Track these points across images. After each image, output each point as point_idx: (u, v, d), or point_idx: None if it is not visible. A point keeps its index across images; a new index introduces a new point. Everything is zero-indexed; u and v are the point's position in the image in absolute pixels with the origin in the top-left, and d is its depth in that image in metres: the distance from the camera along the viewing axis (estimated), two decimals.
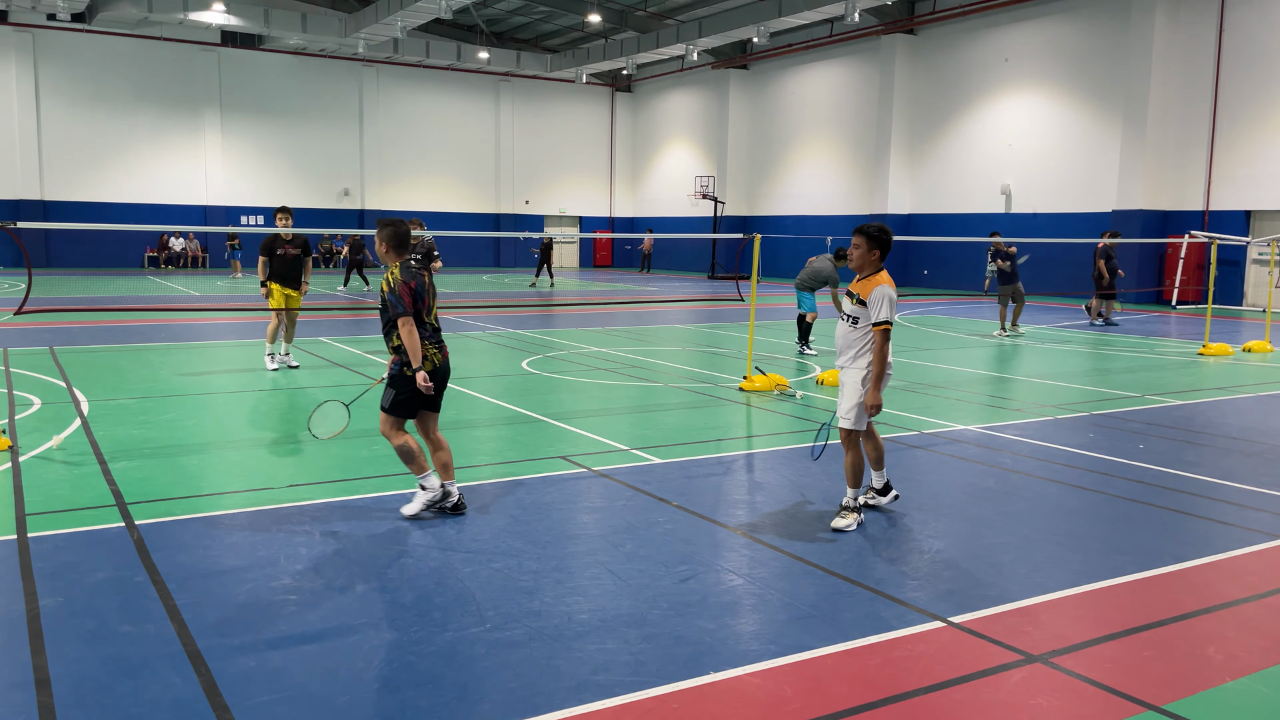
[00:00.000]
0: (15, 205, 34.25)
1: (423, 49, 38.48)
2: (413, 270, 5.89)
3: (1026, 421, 9.24)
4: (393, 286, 5.80)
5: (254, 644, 4.06)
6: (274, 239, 11.68)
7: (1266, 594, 4.84)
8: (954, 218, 31.12)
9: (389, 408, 5.87)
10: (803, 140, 37.34)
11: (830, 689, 3.75)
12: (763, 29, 30.95)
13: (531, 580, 4.83)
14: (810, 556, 5.26)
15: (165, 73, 36.78)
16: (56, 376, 10.85)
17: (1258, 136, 24.27)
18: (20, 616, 4.28)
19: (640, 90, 46.39)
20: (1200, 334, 16.78)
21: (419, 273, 5.92)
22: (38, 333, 14.95)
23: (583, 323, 18.84)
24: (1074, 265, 27.57)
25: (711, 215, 39.18)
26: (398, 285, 5.78)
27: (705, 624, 4.33)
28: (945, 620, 4.40)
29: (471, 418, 9.11)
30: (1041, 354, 14.76)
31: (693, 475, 7.03)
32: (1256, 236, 24.14)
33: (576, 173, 46.40)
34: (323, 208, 39.78)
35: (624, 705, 3.57)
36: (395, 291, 5.78)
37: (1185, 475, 7.18)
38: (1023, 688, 3.77)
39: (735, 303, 20.59)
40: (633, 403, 10.13)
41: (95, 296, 22.85)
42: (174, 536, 5.44)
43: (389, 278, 5.86)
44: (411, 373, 5.77)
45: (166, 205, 36.86)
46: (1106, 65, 26.88)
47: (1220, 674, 3.93)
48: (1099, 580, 4.97)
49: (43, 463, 6.99)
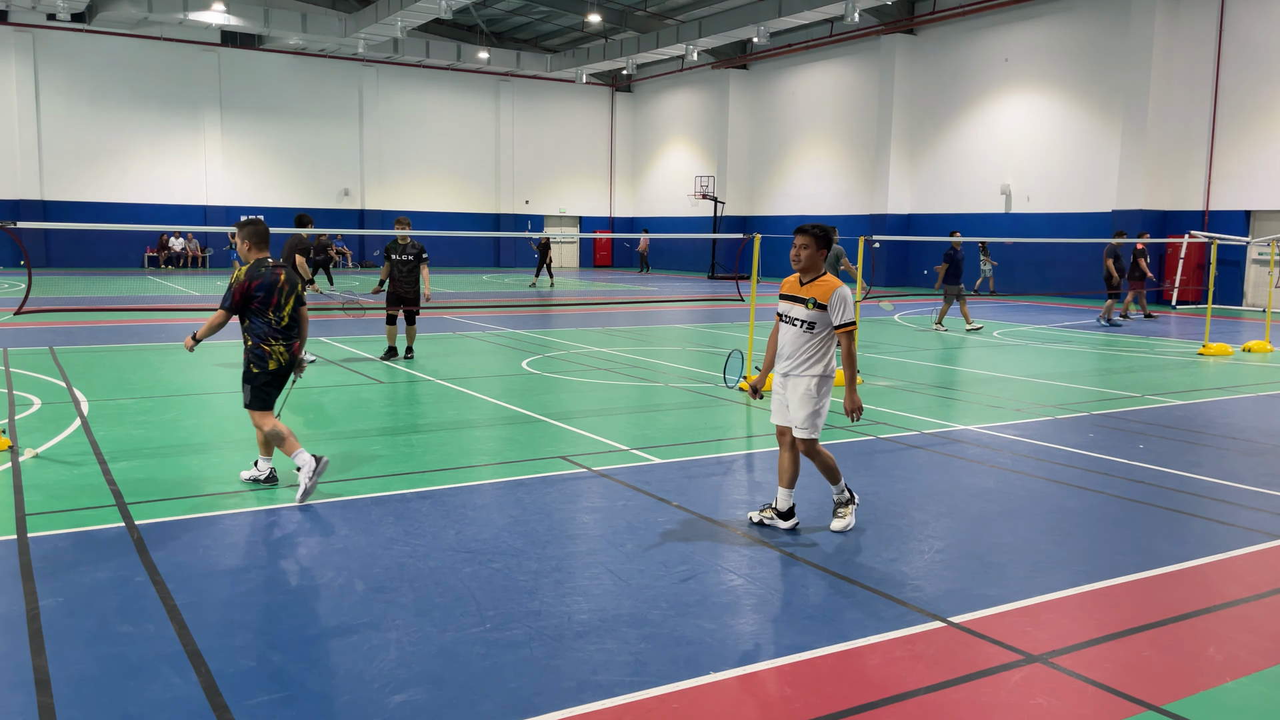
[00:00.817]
0: (15, 205, 34.24)
1: (423, 49, 38.48)
2: (262, 270, 6.23)
3: (1026, 421, 9.24)
4: (233, 281, 6.22)
5: (254, 644, 4.06)
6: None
7: (1266, 594, 4.84)
8: (954, 218, 31.11)
9: (251, 404, 6.29)
10: (803, 140, 37.34)
11: (830, 689, 3.75)
12: (763, 29, 30.95)
13: (531, 580, 4.83)
14: (810, 556, 5.26)
15: (165, 73, 36.77)
16: (56, 376, 10.85)
17: (1258, 136, 24.27)
18: (20, 616, 4.28)
19: (640, 90, 46.38)
20: (1200, 334, 16.77)
21: (270, 271, 6.26)
22: (38, 333, 14.95)
23: (583, 323, 18.84)
24: (1074, 265, 27.60)
25: (711, 215, 39.19)
26: (236, 282, 6.19)
27: (705, 624, 4.32)
28: (945, 620, 4.40)
29: (471, 418, 9.11)
30: (1041, 354, 14.76)
31: (693, 475, 7.03)
32: (1256, 236, 24.13)
33: (576, 173, 46.40)
34: (323, 208, 39.76)
35: (624, 705, 3.57)
36: (231, 286, 6.21)
37: (1185, 475, 7.17)
38: (1023, 688, 3.77)
39: (735, 303, 20.58)
40: (633, 403, 10.13)
41: (95, 296, 22.85)
42: (174, 536, 5.43)
43: (237, 271, 6.27)
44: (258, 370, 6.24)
45: (166, 205, 36.85)
46: (1106, 65, 26.88)
47: (1220, 674, 3.93)
48: (1099, 580, 4.97)
49: (42, 463, 6.98)
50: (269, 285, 6.21)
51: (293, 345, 6.38)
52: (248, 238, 6.32)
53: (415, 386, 10.81)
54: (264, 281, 6.20)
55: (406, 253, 12.40)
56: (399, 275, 12.45)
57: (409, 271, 12.44)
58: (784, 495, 5.71)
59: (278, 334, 6.28)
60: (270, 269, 6.26)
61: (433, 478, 6.83)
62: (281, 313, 6.28)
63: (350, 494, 6.38)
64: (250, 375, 6.27)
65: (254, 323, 6.26)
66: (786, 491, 5.71)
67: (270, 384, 6.29)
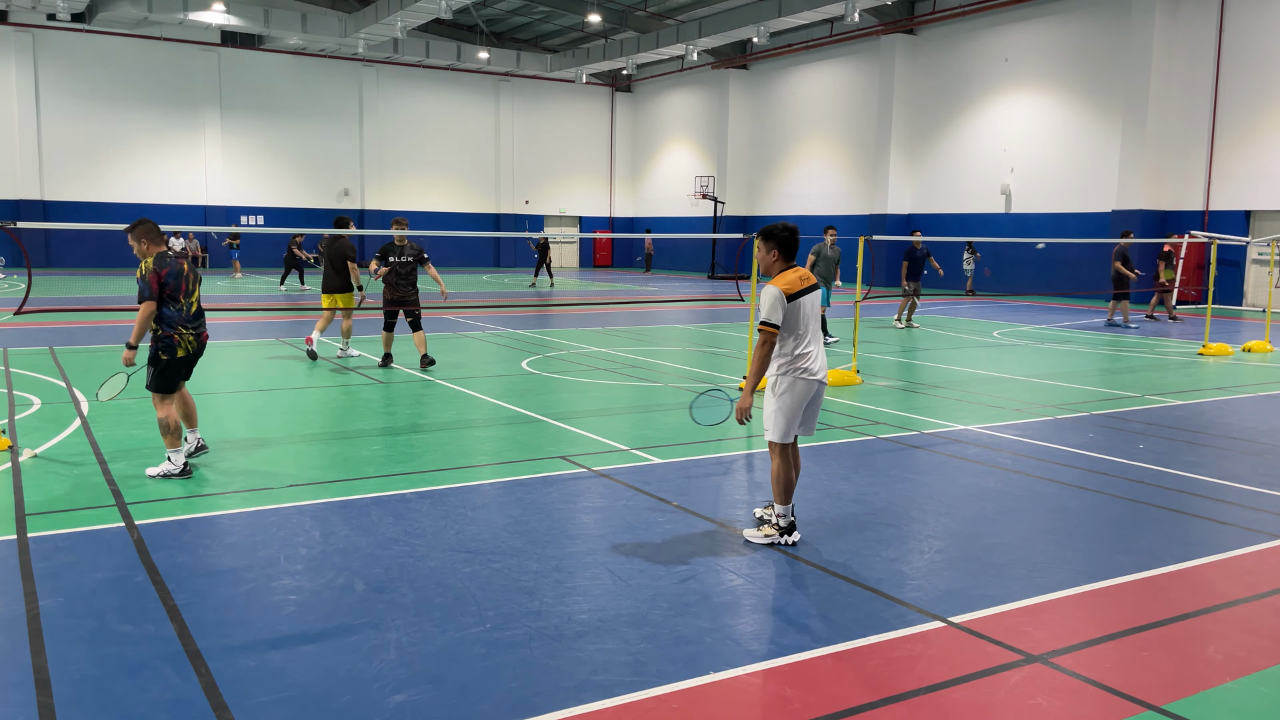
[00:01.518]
0: (15, 205, 34.25)
1: (423, 49, 38.48)
2: (167, 260, 6.54)
3: (1026, 421, 9.24)
4: (144, 274, 6.46)
5: (254, 644, 4.06)
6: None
7: (1266, 594, 4.84)
8: (954, 218, 31.13)
9: (153, 385, 6.62)
10: (803, 140, 37.34)
11: (830, 689, 3.75)
12: (763, 29, 30.95)
13: (531, 580, 4.83)
14: (810, 556, 5.26)
15: (165, 73, 36.78)
16: (56, 376, 10.85)
17: (1258, 136, 24.27)
18: (20, 616, 4.28)
19: (640, 90, 46.38)
20: (1200, 334, 16.77)
21: (175, 261, 6.59)
22: (38, 333, 14.95)
23: (583, 323, 18.83)
24: (1074, 265, 27.60)
25: (711, 215, 39.19)
26: (148, 273, 6.45)
27: (705, 624, 4.32)
28: (945, 620, 4.40)
29: (471, 418, 9.11)
30: (1042, 354, 14.76)
31: (693, 475, 7.03)
32: (1256, 236, 24.13)
33: (576, 173, 46.40)
34: (323, 208, 39.77)
35: (624, 705, 3.57)
36: (145, 278, 6.45)
37: (1185, 475, 7.17)
38: (1023, 688, 3.77)
39: (735, 303, 20.58)
40: (633, 403, 10.13)
41: (95, 296, 22.84)
42: (174, 536, 5.43)
43: (143, 266, 6.52)
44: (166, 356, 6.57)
45: (166, 205, 36.85)
46: (1106, 65, 26.88)
47: (1220, 674, 3.93)
48: (1099, 580, 4.97)
49: (42, 463, 6.99)
50: (176, 274, 6.58)
51: (201, 333, 6.77)
52: (144, 236, 6.59)
53: (415, 386, 10.80)
54: (172, 270, 6.55)
55: (405, 254, 11.81)
56: (398, 279, 11.85)
57: (408, 274, 11.90)
58: (782, 511, 5.50)
59: (187, 322, 6.66)
60: (174, 259, 6.62)
61: (433, 478, 6.83)
62: (191, 299, 6.69)
63: (350, 494, 6.38)
64: (157, 360, 6.61)
65: (164, 311, 6.59)
66: (784, 507, 5.48)
67: (175, 369, 6.66)
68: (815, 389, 5.40)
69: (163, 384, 6.63)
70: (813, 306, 5.43)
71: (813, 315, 5.43)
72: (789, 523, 5.45)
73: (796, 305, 5.30)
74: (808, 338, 5.37)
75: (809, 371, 5.35)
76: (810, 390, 5.38)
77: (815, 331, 5.44)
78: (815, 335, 5.43)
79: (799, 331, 5.33)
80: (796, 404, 5.37)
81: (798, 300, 5.31)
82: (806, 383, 5.34)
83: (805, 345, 5.35)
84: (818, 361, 5.39)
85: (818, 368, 5.38)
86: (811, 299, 5.41)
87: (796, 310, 5.31)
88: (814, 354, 5.38)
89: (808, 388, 5.36)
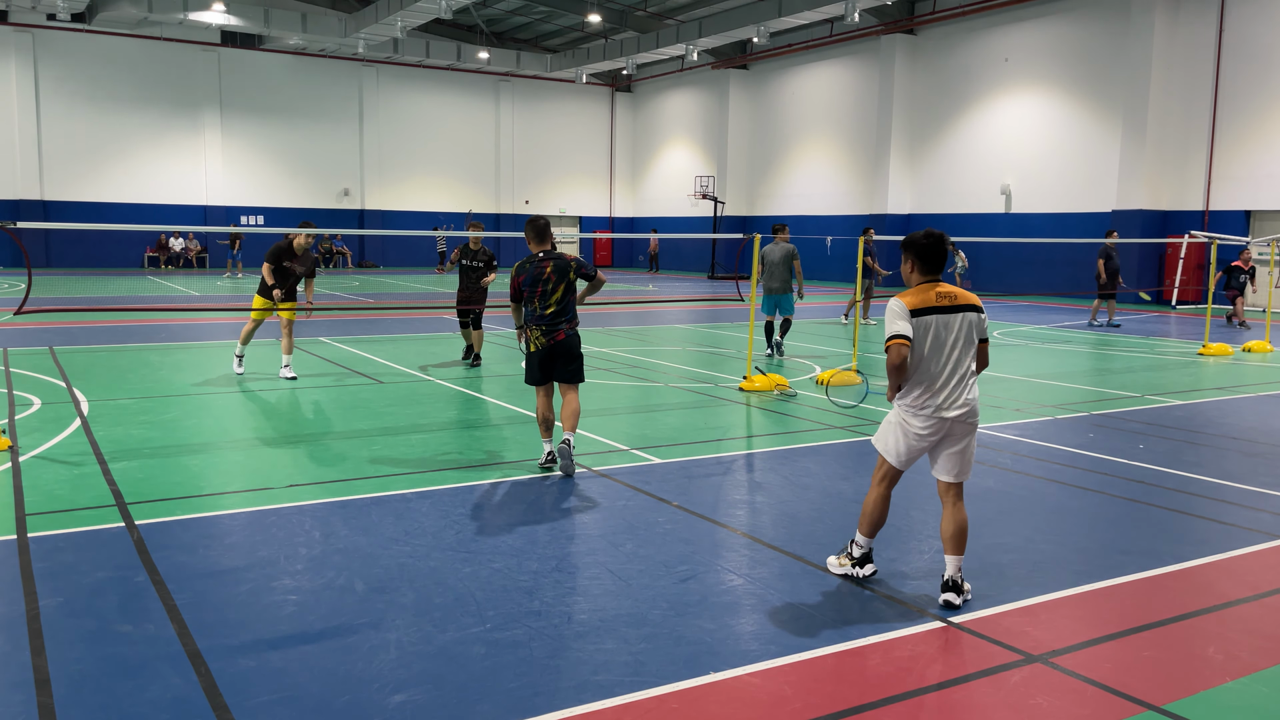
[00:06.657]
0: (15, 205, 34.23)
1: (423, 49, 38.47)
2: (526, 267, 7.00)
3: (1026, 421, 9.24)
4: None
5: (254, 644, 4.06)
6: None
7: (1266, 594, 4.84)
8: (954, 218, 31.11)
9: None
10: (803, 140, 37.34)
11: (830, 689, 3.75)
12: (763, 29, 30.94)
13: (531, 580, 4.83)
14: (810, 556, 5.25)
15: (165, 73, 36.76)
16: (56, 376, 10.84)
17: (1258, 136, 24.27)
18: (20, 616, 4.28)
19: (640, 90, 46.37)
20: (1200, 334, 16.77)
21: (534, 266, 6.99)
22: (38, 333, 14.95)
23: (582, 322, 18.78)
24: (1073, 265, 27.56)
25: (711, 215, 39.18)
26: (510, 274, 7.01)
27: (705, 624, 4.32)
28: (945, 620, 4.40)
29: (472, 418, 9.11)
30: (1041, 354, 14.76)
31: (693, 475, 7.03)
32: (1256, 236, 24.12)
33: (576, 173, 46.38)
34: (323, 208, 39.75)
35: (624, 705, 3.57)
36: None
37: (1185, 475, 7.17)
38: (1023, 688, 3.77)
39: (735, 303, 20.57)
40: (633, 403, 10.13)
41: (95, 296, 22.84)
42: (174, 536, 5.43)
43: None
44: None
45: (166, 205, 36.83)
46: (1106, 65, 26.88)
47: (1220, 674, 3.93)
48: (1099, 580, 4.97)
49: (43, 463, 6.99)
50: (533, 278, 7.04)
51: (553, 334, 7.10)
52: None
53: (415, 386, 10.80)
54: (529, 276, 7.04)
55: (477, 259, 12.12)
56: (466, 280, 12.17)
57: (478, 278, 12.13)
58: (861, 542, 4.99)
59: (537, 321, 7.07)
60: (533, 265, 7.01)
61: (433, 478, 6.83)
62: (547, 301, 7.07)
63: (350, 494, 6.39)
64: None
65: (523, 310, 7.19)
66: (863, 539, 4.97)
67: (527, 364, 7.14)
68: (936, 426, 4.60)
69: (525, 376, 7.24)
70: (953, 331, 4.58)
71: (953, 343, 4.58)
72: (862, 554, 4.95)
73: (923, 325, 4.55)
74: (934, 367, 4.58)
75: (927, 408, 4.60)
76: (929, 428, 4.61)
77: (955, 362, 4.59)
78: (954, 366, 4.59)
79: (923, 353, 4.57)
80: (908, 437, 4.70)
81: (924, 319, 4.55)
82: (924, 419, 4.61)
83: (927, 374, 4.59)
84: (949, 399, 4.58)
85: (944, 403, 4.58)
86: (948, 321, 4.58)
87: (924, 332, 4.55)
88: (943, 389, 4.58)
89: (925, 425, 4.62)
